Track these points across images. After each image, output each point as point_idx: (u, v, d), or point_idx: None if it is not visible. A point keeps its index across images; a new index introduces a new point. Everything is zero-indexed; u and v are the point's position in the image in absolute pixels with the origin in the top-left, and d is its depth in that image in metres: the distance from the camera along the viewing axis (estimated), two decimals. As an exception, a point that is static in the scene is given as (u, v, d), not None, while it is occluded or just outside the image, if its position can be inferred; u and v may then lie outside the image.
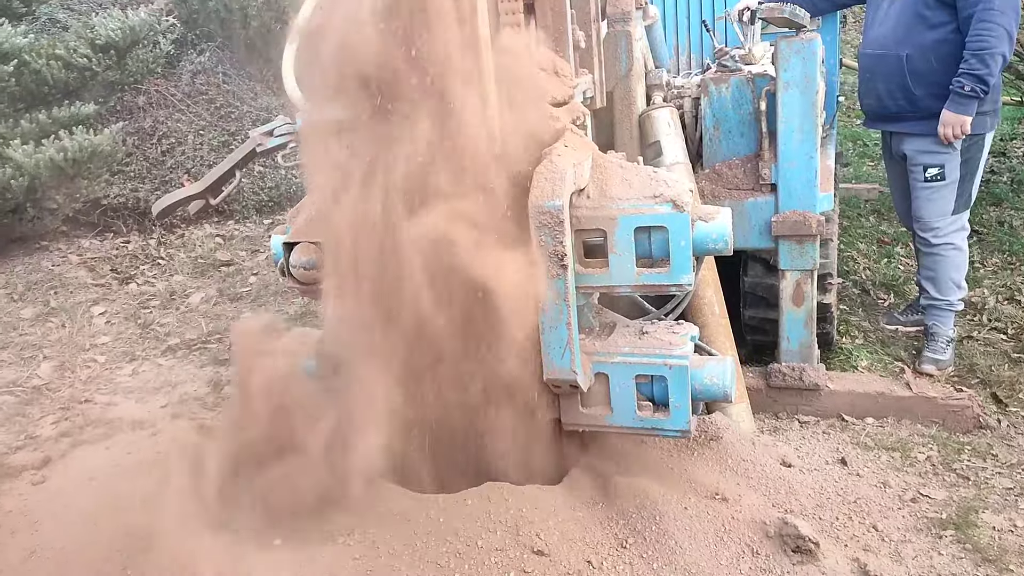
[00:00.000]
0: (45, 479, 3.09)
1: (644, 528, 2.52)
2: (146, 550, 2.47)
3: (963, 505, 2.85)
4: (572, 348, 2.46)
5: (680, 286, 2.46)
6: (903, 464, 3.11)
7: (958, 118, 3.50)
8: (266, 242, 5.87)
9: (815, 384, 3.44)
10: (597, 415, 2.63)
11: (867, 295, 4.58)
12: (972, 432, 3.31)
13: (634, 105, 3.38)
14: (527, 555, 2.38)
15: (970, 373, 3.73)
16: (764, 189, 3.34)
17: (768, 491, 2.83)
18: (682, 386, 2.50)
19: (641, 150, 3.39)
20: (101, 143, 5.09)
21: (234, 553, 2.42)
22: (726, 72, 3.41)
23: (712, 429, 3.04)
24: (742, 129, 3.37)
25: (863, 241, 5.36)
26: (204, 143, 6.82)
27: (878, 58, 3.74)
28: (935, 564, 2.58)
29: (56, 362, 4.22)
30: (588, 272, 2.49)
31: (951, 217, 3.74)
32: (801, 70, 3.14)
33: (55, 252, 5.55)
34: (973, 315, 4.27)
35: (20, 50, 4.73)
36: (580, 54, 2.92)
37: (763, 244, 3.40)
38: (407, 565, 2.32)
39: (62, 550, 2.59)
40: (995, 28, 3.38)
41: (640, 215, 2.41)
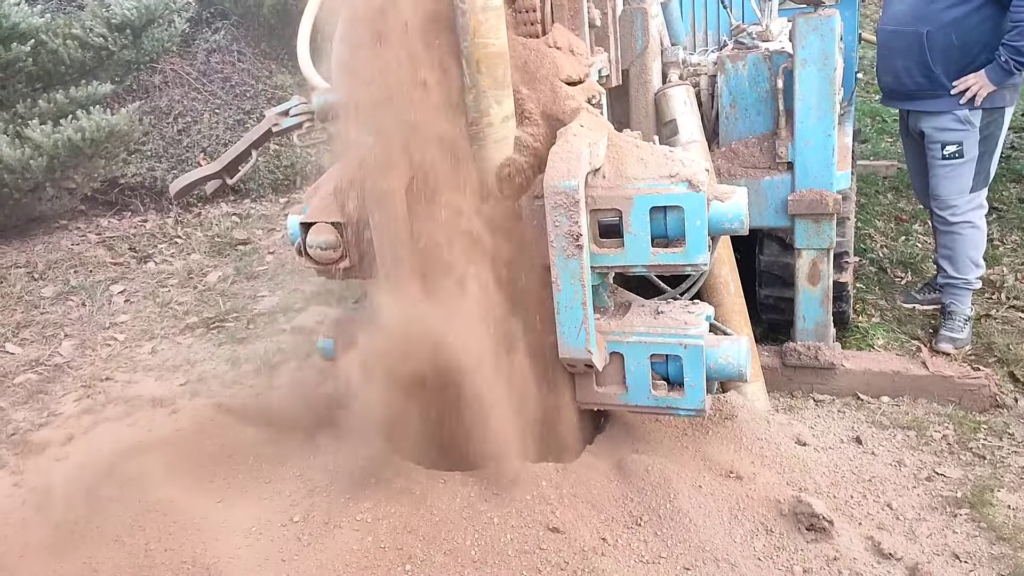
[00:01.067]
0: (68, 455, 3.14)
1: (659, 506, 2.54)
2: (167, 525, 2.53)
3: (978, 484, 2.85)
4: (587, 328, 2.46)
5: (696, 266, 2.46)
6: (918, 443, 3.11)
7: (983, 82, 3.46)
8: (282, 221, 5.90)
9: (830, 363, 3.44)
10: (612, 394, 2.65)
11: (884, 273, 4.55)
12: (988, 411, 3.30)
13: (650, 83, 3.36)
14: (543, 532, 2.41)
15: (987, 352, 3.71)
16: (781, 167, 3.32)
17: (783, 469, 2.84)
18: (697, 365, 2.51)
19: (657, 128, 3.38)
20: (118, 123, 5.11)
21: (255, 528, 2.47)
22: (743, 49, 3.38)
23: (727, 408, 3.05)
24: (759, 107, 3.35)
25: (881, 219, 5.32)
26: (220, 122, 6.84)
27: (897, 35, 3.69)
28: (949, 542, 2.59)
29: (77, 340, 4.27)
30: (603, 252, 2.49)
31: (969, 195, 3.71)
32: (819, 47, 3.11)
33: (74, 231, 5.60)
34: (991, 293, 4.25)
35: (37, 30, 4.74)
36: (595, 32, 2.91)
37: (779, 223, 3.38)
38: (423, 541, 2.36)
39: (86, 526, 2.64)
40: None
41: (656, 195, 2.40)
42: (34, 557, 2.55)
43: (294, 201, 6.26)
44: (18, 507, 2.87)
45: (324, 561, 2.28)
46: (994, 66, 3.43)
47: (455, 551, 2.33)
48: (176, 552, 2.43)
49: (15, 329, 4.37)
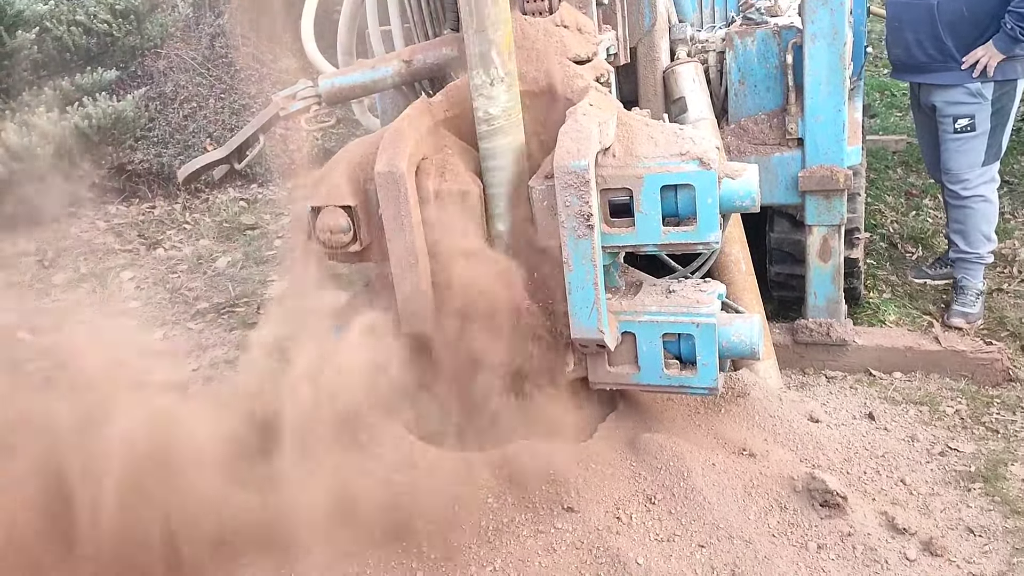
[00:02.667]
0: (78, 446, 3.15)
1: (672, 484, 2.55)
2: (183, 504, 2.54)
3: (992, 458, 2.85)
4: (599, 308, 2.46)
5: (707, 244, 2.44)
6: (931, 418, 3.11)
7: (992, 53, 3.44)
8: (290, 205, 5.90)
9: (842, 339, 3.44)
10: (624, 374, 2.65)
11: (895, 249, 4.53)
12: (1001, 385, 3.30)
13: (658, 61, 3.34)
14: (558, 511, 2.43)
15: (1000, 326, 3.70)
16: (791, 144, 3.31)
17: (796, 447, 2.84)
18: (709, 344, 2.51)
19: (666, 106, 3.36)
20: (124, 109, 5.12)
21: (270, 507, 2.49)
22: (751, 25, 3.35)
23: (739, 386, 3.05)
24: (768, 83, 3.33)
25: (891, 194, 5.29)
26: (225, 106, 6.84)
27: (908, 6, 3.66)
28: (963, 517, 2.60)
29: (89, 327, 4.28)
30: (614, 232, 2.48)
31: (980, 169, 3.69)
32: (829, 22, 3.08)
33: (83, 219, 5.61)
34: (1003, 267, 4.23)
35: (41, 17, 4.74)
36: (603, 10, 2.89)
37: (789, 200, 3.37)
38: (432, 525, 2.37)
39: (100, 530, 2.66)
40: None
41: (667, 173, 2.39)
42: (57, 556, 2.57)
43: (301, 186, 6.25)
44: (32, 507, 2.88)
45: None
46: (1001, 35, 3.40)
47: (471, 530, 2.35)
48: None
49: (27, 317, 4.38)
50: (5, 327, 4.22)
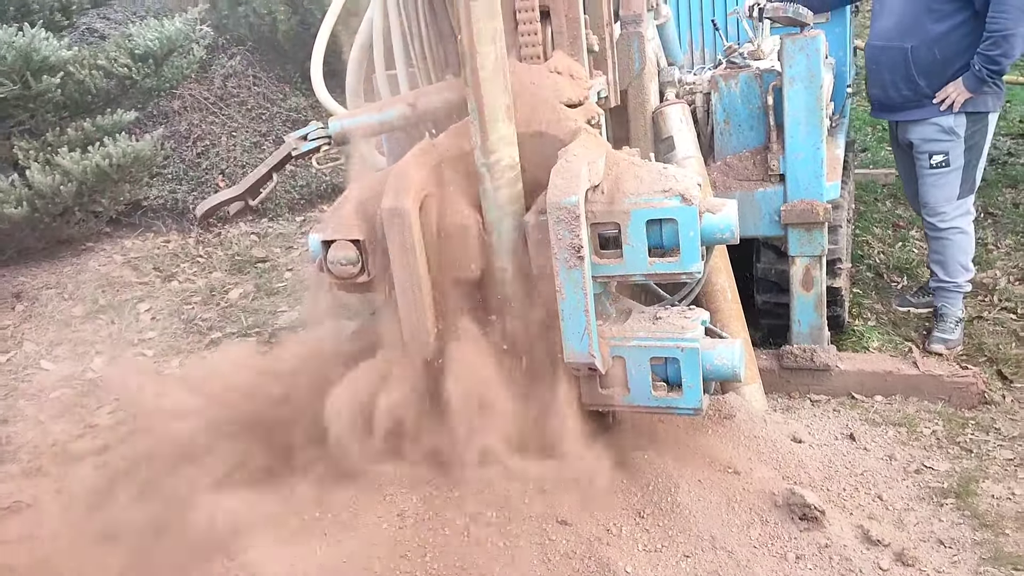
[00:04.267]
0: (107, 463, 3.34)
1: (660, 499, 2.71)
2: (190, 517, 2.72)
3: (964, 475, 3.01)
4: (590, 333, 2.64)
5: (690, 274, 2.63)
6: (909, 438, 3.27)
7: (960, 90, 3.65)
8: (299, 239, 6.12)
9: (825, 364, 3.61)
10: (615, 395, 2.82)
11: (880, 278, 4.72)
12: (977, 407, 3.46)
13: (647, 102, 3.54)
14: (552, 524, 2.58)
15: (978, 352, 3.87)
16: (773, 179, 3.51)
17: (778, 465, 3.00)
18: (694, 367, 2.68)
19: (655, 144, 3.56)
20: (143, 148, 5.35)
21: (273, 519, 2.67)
22: (735, 68, 3.57)
23: (726, 408, 3.22)
24: (751, 123, 3.54)
25: (878, 225, 5.49)
26: (237, 144, 7.08)
27: (884, 50, 3.88)
28: (935, 530, 2.76)
29: (108, 356, 4.49)
30: (604, 262, 2.67)
31: (956, 202, 3.88)
32: (805, 66, 3.29)
33: (100, 252, 5.83)
34: (984, 296, 4.40)
35: (65, 62, 4.98)
36: (594, 57, 3.10)
37: (773, 232, 3.56)
38: (436, 533, 2.54)
39: (127, 524, 2.84)
40: (1010, 10, 3.49)
41: (651, 208, 2.58)
42: (81, 552, 2.75)
43: (310, 220, 6.48)
44: (63, 512, 3.07)
45: (356, 549, 2.47)
46: (969, 74, 3.61)
47: (472, 540, 2.51)
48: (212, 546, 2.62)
49: (49, 347, 4.59)
50: (29, 356, 4.44)
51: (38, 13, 5.21)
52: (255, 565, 2.51)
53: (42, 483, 3.30)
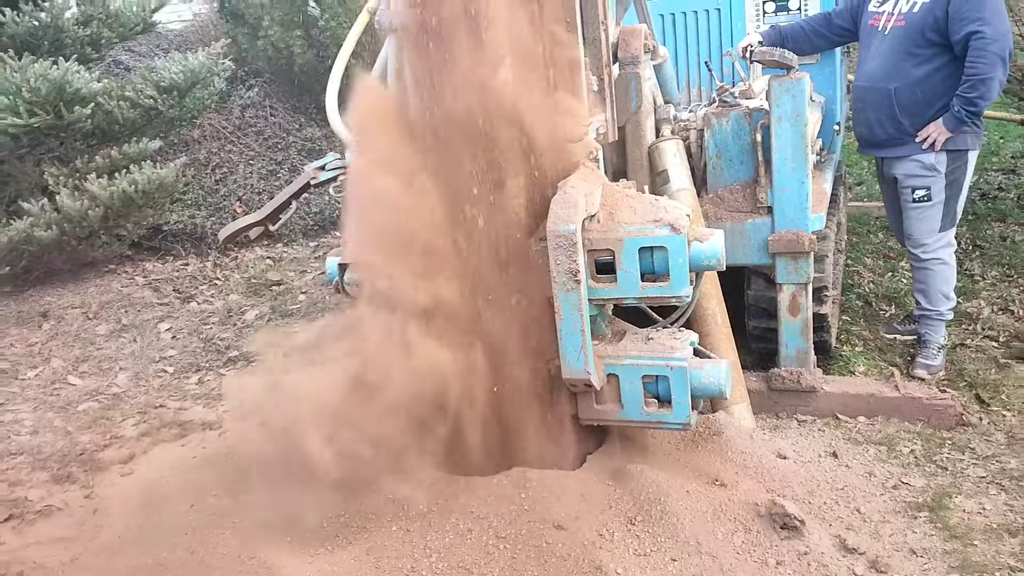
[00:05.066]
0: (132, 471, 3.55)
1: (651, 508, 2.90)
2: (221, 528, 2.93)
3: (939, 491, 3.19)
4: (586, 351, 2.86)
5: (679, 298, 2.86)
6: (888, 456, 3.46)
7: (941, 130, 3.86)
8: (313, 263, 6.36)
9: (811, 386, 3.80)
10: (609, 411, 3.03)
11: (869, 306, 4.92)
12: (955, 429, 3.64)
13: (644, 138, 3.78)
14: (548, 528, 2.77)
15: (959, 377, 4.05)
16: (761, 211, 3.72)
17: (763, 479, 3.19)
18: (682, 384, 2.89)
19: (651, 177, 3.79)
20: (166, 175, 5.62)
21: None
22: (727, 107, 3.81)
23: (715, 425, 3.41)
24: (741, 158, 3.77)
25: (870, 256, 5.69)
26: (254, 172, 7.36)
27: (869, 91, 4.10)
28: (908, 540, 2.94)
29: (131, 372, 4.71)
30: (599, 286, 2.89)
31: (938, 234, 4.08)
32: (791, 106, 3.53)
33: (123, 275, 6.08)
34: (968, 324, 4.59)
35: (95, 94, 5.26)
36: (593, 96, 3.34)
37: (762, 261, 3.77)
38: (441, 534, 2.74)
39: (152, 530, 3.05)
40: (986, 56, 3.70)
41: (643, 237, 2.81)
42: (109, 556, 2.95)
43: (323, 245, 6.72)
44: (91, 515, 3.28)
45: (369, 548, 2.67)
46: (949, 115, 3.83)
47: (474, 542, 2.71)
48: (230, 550, 2.83)
49: (75, 363, 4.82)
50: (56, 372, 4.67)
51: (70, 47, 5.50)
52: (274, 565, 2.71)
53: (71, 489, 3.51)
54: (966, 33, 3.71)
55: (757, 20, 4.71)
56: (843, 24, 4.33)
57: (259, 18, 7.77)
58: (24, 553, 3.08)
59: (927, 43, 3.87)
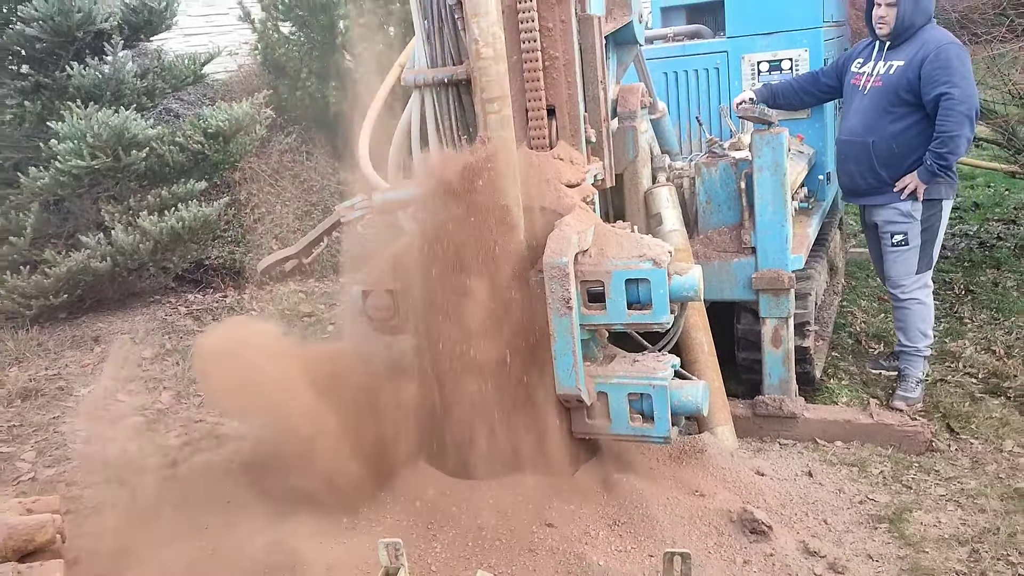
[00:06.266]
0: (175, 475, 3.96)
1: (633, 512, 3.25)
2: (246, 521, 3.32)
3: (900, 507, 3.50)
4: (577, 371, 3.23)
5: (661, 324, 3.23)
6: (859, 476, 3.77)
7: (916, 182, 4.22)
8: (342, 297, 6.80)
9: (792, 413, 4.14)
10: (600, 425, 3.39)
11: (859, 344, 5.24)
12: (923, 453, 3.95)
13: (640, 184, 4.19)
14: (540, 526, 3.13)
15: (935, 409, 4.35)
16: (746, 251, 4.10)
17: (740, 492, 3.52)
18: (663, 402, 3.25)
19: (647, 219, 4.19)
20: (211, 213, 6.12)
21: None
22: (715, 157, 4.22)
23: (699, 444, 3.75)
24: (729, 203, 4.16)
25: (865, 299, 6.02)
26: (289, 212, 7.87)
27: (850, 144, 4.48)
28: (867, 547, 3.25)
29: (173, 392, 5.15)
30: (591, 313, 3.28)
31: (915, 276, 4.42)
32: (772, 157, 3.92)
33: (166, 304, 6.57)
34: (951, 362, 4.88)
35: (150, 139, 5.80)
36: (592, 146, 3.76)
37: (747, 296, 4.14)
38: (446, 528, 3.10)
39: (189, 524, 3.45)
40: (954, 115, 4.08)
41: (629, 270, 3.19)
42: (154, 545, 3.34)
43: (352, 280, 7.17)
44: (138, 512, 3.68)
45: (380, 537, 3.04)
46: (922, 168, 4.19)
47: (475, 535, 3.08)
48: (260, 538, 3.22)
49: (123, 383, 5.27)
50: (107, 390, 5.12)
51: (128, 97, 6.06)
52: (296, 550, 3.10)
53: (120, 490, 3.92)
54: (936, 94, 4.09)
55: (752, 78, 5.14)
56: (829, 83, 4.74)
57: (298, 70, 8.34)
58: (79, 542, 3.48)
59: (902, 102, 4.25)
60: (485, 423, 3.33)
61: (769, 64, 5.10)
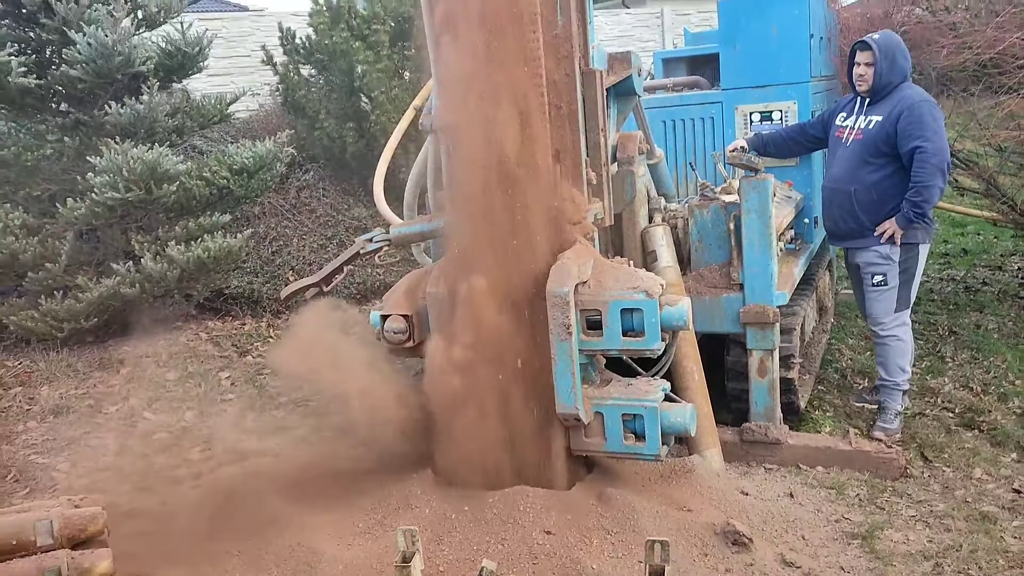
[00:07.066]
0: (200, 486, 4.26)
1: (625, 522, 3.53)
2: (279, 525, 3.61)
3: (873, 525, 3.78)
4: (575, 391, 3.55)
5: (652, 350, 3.55)
6: (836, 498, 4.05)
7: (895, 227, 4.55)
8: (355, 327, 7.12)
9: (777, 439, 4.42)
10: (596, 443, 3.69)
11: (844, 379, 5.54)
12: (898, 479, 4.23)
13: (637, 224, 4.53)
14: (540, 533, 3.42)
15: (912, 440, 4.64)
16: (735, 287, 4.43)
17: (725, 509, 3.80)
18: (654, 422, 3.56)
19: (643, 256, 4.53)
20: (235, 245, 6.48)
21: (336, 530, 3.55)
22: (707, 200, 4.56)
23: (688, 465, 4.05)
24: (719, 243, 4.49)
25: (853, 337, 6.32)
26: (306, 246, 8.24)
27: (834, 191, 4.83)
28: (840, 560, 3.53)
29: (196, 411, 5.46)
30: (589, 339, 3.60)
31: (894, 314, 4.73)
32: (758, 201, 4.26)
33: (188, 330, 6.91)
34: (931, 398, 5.18)
35: (179, 174, 6.18)
36: (593, 188, 4.11)
37: (735, 329, 4.45)
38: (454, 533, 3.40)
39: (217, 528, 3.74)
40: (927, 167, 4.42)
41: (624, 300, 3.52)
42: (185, 546, 3.63)
43: (364, 311, 7.50)
44: (168, 517, 3.98)
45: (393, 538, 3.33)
46: (900, 215, 4.53)
47: (480, 539, 3.37)
48: (284, 540, 3.51)
49: (149, 402, 5.59)
50: (134, 409, 5.44)
51: (160, 134, 6.46)
52: (318, 550, 3.39)
53: (151, 498, 4.22)
54: (911, 148, 4.45)
55: (745, 128, 5.51)
56: (815, 134, 5.11)
57: (317, 111, 8.77)
58: (114, 544, 3.77)
59: (880, 154, 4.60)
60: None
61: (760, 115, 5.47)
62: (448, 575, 3.26)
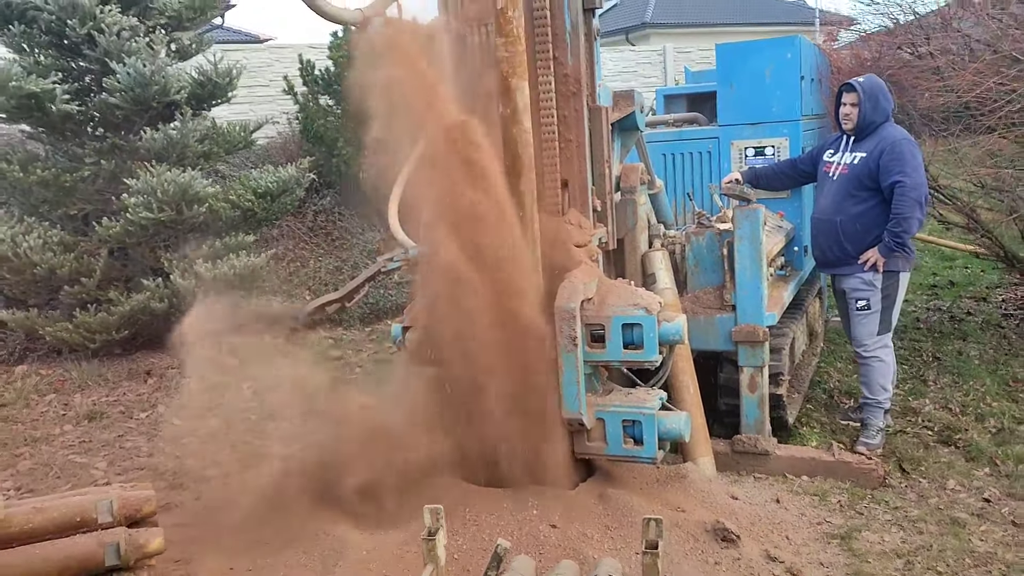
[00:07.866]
0: (230, 484, 4.59)
1: (623, 519, 3.85)
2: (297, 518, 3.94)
3: (852, 528, 4.10)
4: (580, 398, 3.90)
5: (651, 362, 3.91)
6: (819, 504, 4.38)
7: (877, 256, 4.92)
8: (368, 344, 7.48)
9: (765, 450, 4.76)
10: (598, 447, 4.03)
11: (832, 399, 5.88)
12: (877, 488, 4.56)
13: (638, 248, 4.89)
14: (545, 526, 3.75)
15: (892, 454, 4.97)
16: (727, 308, 4.79)
17: (716, 510, 4.12)
18: (651, 428, 3.90)
19: (643, 278, 4.89)
20: (259, 263, 6.87)
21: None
22: (703, 228, 4.94)
23: (683, 471, 4.38)
24: (713, 267, 4.86)
25: (842, 361, 6.67)
26: (322, 267, 8.64)
27: (821, 222, 5.20)
28: (819, 557, 3.85)
29: (221, 418, 5.79)
30: (594, 351, 3.96)
31: (876, 337, 5.08)
32: (750, 229, 4.64)
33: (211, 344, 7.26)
34: (912, 417, 5.51)
35: (208, 196, 6.58)
36: (597, 215, 4.48)
37: (728, 347, 4.81)
38: (468, 525, 3.73)
39: (247, 520, 4.07)
40: (906, 200, 4.80)
41: (625, 315, 3.88)
42: (218, 536, 3.95)
43: (377, 331, 7.87)
44: (201, 510, 4.32)
45: (413, 531, 3.66)
46: (881, 245, 4.90)
47: (491, 531, 3.70)
48: (309, 530, 3.84)
49: (176, 409, 5.93)
50: (162, 415, 5.78)
51: (190, 159, 6.86)
52: (341, 538, 3.72)
53: (184, 493, 4.56)
54: (891, 182, 4.83)
55: (740, 161, 5.90)
56: (805, 168, 5.49)
57: (335, 139, 9.21)
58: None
59: (864, 188, 4.98)
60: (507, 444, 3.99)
61: (754, 150, 5.87)
62: (463, 561, 3.59)
